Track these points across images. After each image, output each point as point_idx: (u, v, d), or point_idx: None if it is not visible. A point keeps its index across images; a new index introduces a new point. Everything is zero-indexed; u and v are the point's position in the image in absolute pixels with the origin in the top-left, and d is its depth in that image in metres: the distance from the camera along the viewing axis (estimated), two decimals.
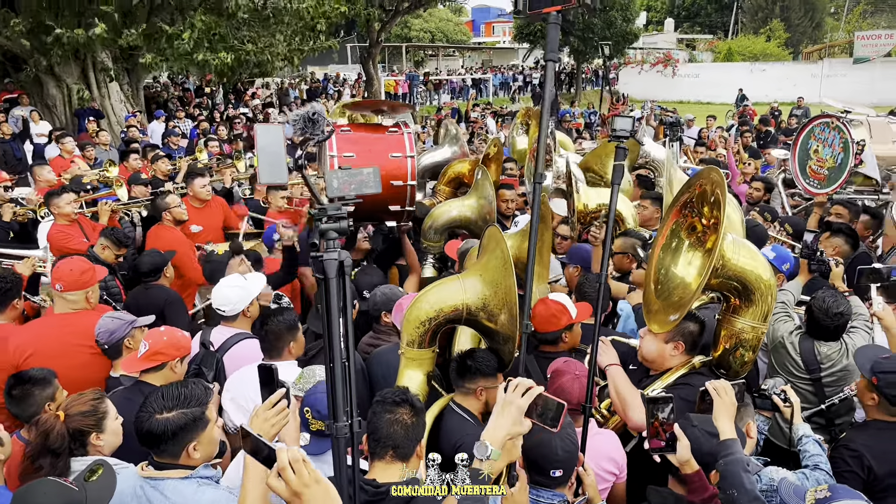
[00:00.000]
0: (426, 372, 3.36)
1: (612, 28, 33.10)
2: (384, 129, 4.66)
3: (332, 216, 2.19)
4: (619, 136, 3.07)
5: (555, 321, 3.80)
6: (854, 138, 5.60)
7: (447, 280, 3.49)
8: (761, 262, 3.24)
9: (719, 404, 2.68)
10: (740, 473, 2.48)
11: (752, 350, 3.30)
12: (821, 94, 31.95)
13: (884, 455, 3.05)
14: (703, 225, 3.36)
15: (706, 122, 15.90)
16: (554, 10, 2.83)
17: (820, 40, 46.40)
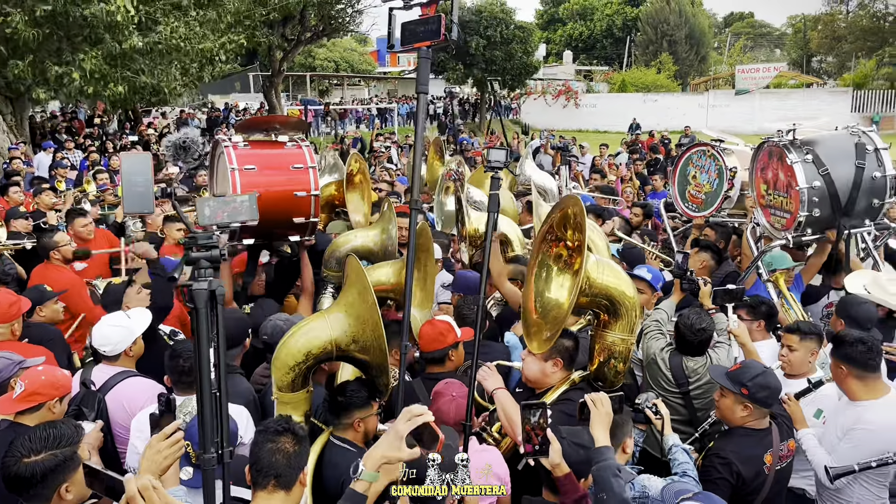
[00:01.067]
0: (303, 413, 3.30)
1: (513, 60, 34.13)
2: (281, 143, 4.65)
3: (203, 245, 2.19)
4: (493, 167, 3.21)
5: (441, 339, 3.88)
6: (728, 165, 6.02)
7: (312, 319, 3.42)
8: (624, 280, 3.44)
9: (595, 415, 2.83)
10: (610, 479, 2.62)
11: (624, 361, 3.50)
12: (707, 123, 33.99)
13: (749, 460, 3.27)
14: (569, 249, 3.54)
15: (599, 150, 16.59)
16: (424, 46, 2.96)
17: (705, 73, 49.43)
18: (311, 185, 4.54)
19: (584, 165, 15.14)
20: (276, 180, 4.48)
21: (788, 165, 4.97)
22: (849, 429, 3.54)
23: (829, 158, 4.97)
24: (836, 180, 4.92)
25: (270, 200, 4.35)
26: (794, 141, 5.07)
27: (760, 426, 3.36)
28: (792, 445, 3.47)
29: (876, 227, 5.21)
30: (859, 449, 3.47)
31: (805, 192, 4.92)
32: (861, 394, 3.56)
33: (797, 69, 53.06)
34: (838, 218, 5.01)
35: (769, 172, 5.37)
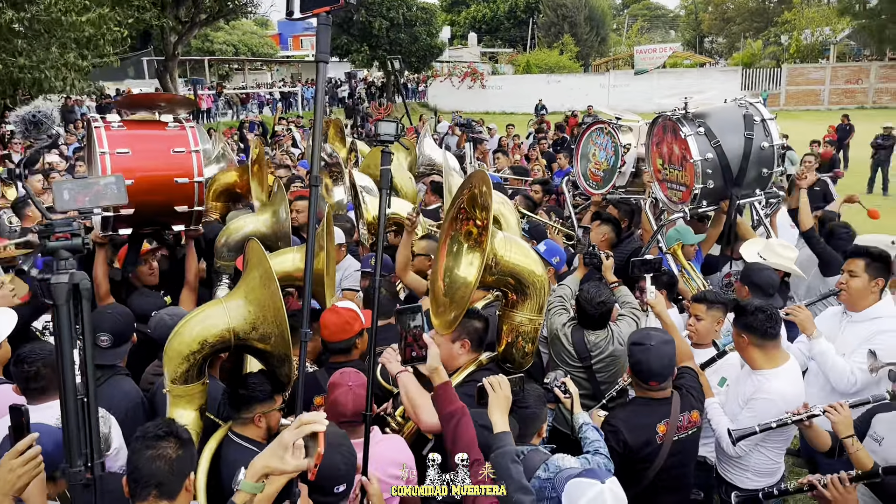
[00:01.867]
0: (198, 407, 3.11)
1: (418, 42, 33.99)
2: (163, 124, 4.28)
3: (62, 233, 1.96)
4: (383, 141, 3.06)
5: (348, 328, 3.73)
6: (622, 142, 6.11)
7: (209, 306, 3.24)
8: (533, 258, 3.39)
9: (493, 399, 2.75)
10: (509, 465, 2.57)
11: (532, 341, 3.45)
12: (609, 102, 34.99)
13: (638, 428, 3.28)
14: (478, 227, 3.46)
15: (506, 130, 16.73)
16: (322, 12, 2.76)
17: (606, 54, 50.75)
18: (195, 170, 4.19)
19: (493, 146, 15.22)
20: (153, 165, 4.11)
21: (682, 139, 5.06)
22: (749, 398, 3.62)
23: (720, 130, 5.08)
24: (727, 152, 5.05)
25: (147, 187, 4.02)
26: (687, 114, 5.17)
27: (659, 396, 3.37)
28: (694, 417, 3.47)
29: (766, 196, 5.38)
30: (759, 418, 3.54)
31: (699, 165, 5.02)
32: (761, 363, 3.63)
33: (691, 49, 55.26)
34: (730, 188, 5.14)
35: (664, 147, 5.46)
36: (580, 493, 2.40)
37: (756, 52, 42.08)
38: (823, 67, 38.87)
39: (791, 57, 41.49)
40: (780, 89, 38.08)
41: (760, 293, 4.36)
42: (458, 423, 2.66)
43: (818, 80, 37.95)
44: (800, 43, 42.09)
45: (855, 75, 37.64)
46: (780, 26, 44.30)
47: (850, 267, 4.07)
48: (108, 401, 3.51)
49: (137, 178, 3.94)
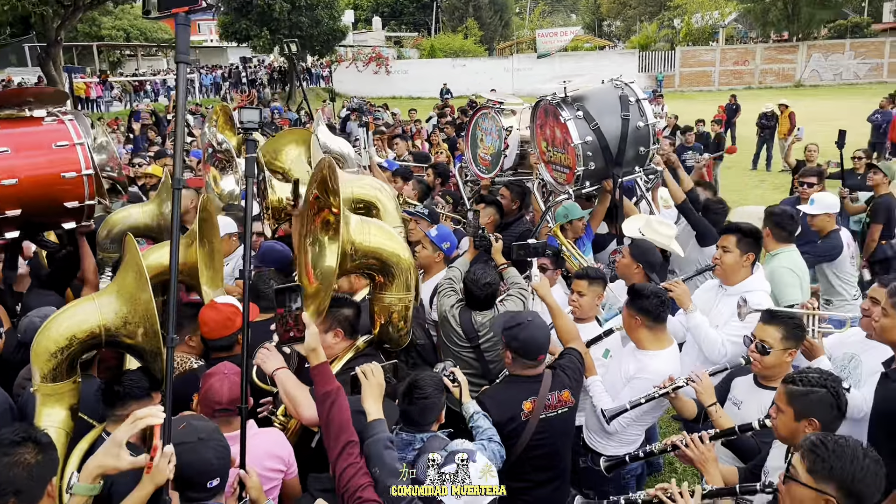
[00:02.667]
0: (69, 406, 2.98)
1: (320, 26, 33.32)
2: (38, 120, 4.03)
3: None
4: (247, 129, 3.00)
5: (229, 325, 3.66)
6: (504, 125, 6.22)
7: (80, 302, 3.15)
8: (396, 239, 3.42)
9: (365, 386, 2.78)
10: (381, 452, 2.61)
11: (405, 319, 3.50)
12: (513, 86, 35.50)
13: (502, 404, 3.36)
14: (335, 215, 3.44)
15: (408, 115, 16.71)
16: (182, 11, 2.66)
17: (509, 38, 51.35)
18: (81, 163, 3.98)
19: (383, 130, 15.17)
20: (37, 162, 3.89)
21: (563, 123, 5.20)
22: (632, 376, 3.75)
23: (598, 113, 5.25)
24: (605, 133, 5.22)
25: (33, 185, 3.81)
26: (566, 98, 5.30)
27: (529, 374, 3.44)
28: (565, 396, 3.50)
29: (645, 173, 5.61)
30: (637, 395, 3.67)
31: (580, 147, 5.17)
32: (648, 343, 3.78)
33: (591, 33, 56.71)
34: (611, 168, 5.33)
35: (547, 130, 5.60)
36: None
37: (651, 36, 43.65)
38: (713, 50, 40.69)
39: (684, 40, 43.22)
40: (675, 71, 39.63)
41: (650, 270, 4.55)
42: (332, 404, 2.66)
43: (709, 62, 39.71)
44: (691, 26, 43.86)
45: (742, 57, 39.60)
46: (672, 10, 45.99)
47: (723, 243, 4.28)
48: None
49: (22, 178, 3.74)
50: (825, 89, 35.86)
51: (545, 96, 5.53)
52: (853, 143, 14.10)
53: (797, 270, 4.73)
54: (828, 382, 2.67)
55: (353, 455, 2.59)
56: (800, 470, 2.23)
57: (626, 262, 4.67)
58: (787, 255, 4.88)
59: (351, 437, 2.62)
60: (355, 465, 2.57)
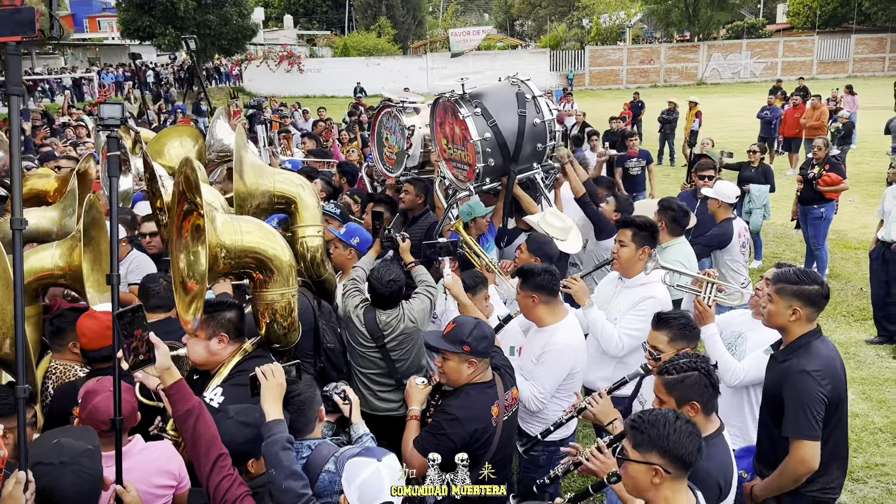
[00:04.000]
0: None
1: (229, 24, 32.48)
2: None
3: None
4: (108, 125, 2.83)
5: (109, 334, 3.45)
6: (406, 124, 6.17)
7: None
8: (270, 235, 3.32)
9: (265, 387, 2.69)
10: (278, 453, 2.53)
11: (289, 315, 3.39)
12: (428, 84, 35.56)
13: (478, 412, 3.22)
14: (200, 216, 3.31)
15: (318, 113, 16.48)
16: (13, 41, 2.47)
17: (423, 36, 51.45)
18: None
19: (306, 129, 14.94)
20: None
21: (461, 120, 5.19)
22: (541, 353, 3.83)
23: (496, 110, 5.25)
24: (503, 130, 5.23)
25: None
26: (464, 95, 5.30)
27: (485, 378, 3.33)
28: (515, 394, 3.52)
29: (543, 169, 5.67)
30: (552, 369, 3.78)
31: (479, 144, 5.16)
32: (548, 318, 3.88)
33: (503, 32, 57.51)
34: (508, 164, 5.36)
35: (447, 127, 5.58)
36: (357, 472, 2.39)
37: (561, 35, 44.62)
38: (621, 49, 42.00)
39: (593, 39, 44.41)
40: (585, 70, 40.68)
41: (548, 261, 4.56)
42: (197, 420, 2.55)
43: (617, 62, 40.96)
44: (599, 26, 45.12)
45: (648, 56, 41.04)
46: (581, 10, 47.15)
47: (620, 237, 4.37)
48: None
49: None
50: (725, 87, 37.60)
51: (443, 93, 5.51)
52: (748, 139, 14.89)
53: (686, 262, 4.92)
54: (698, 364, 2.78)
55: (225, 468, 2.49)
56: (628, 448, 2.37)
57: (525, 257, 4.70)
58: (677, 248, 5.06)
59: (221, 450, 2.52)
60: (230, 478, 2.47)
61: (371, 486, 2.35)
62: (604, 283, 4.72)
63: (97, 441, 2.51)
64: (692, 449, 2.31)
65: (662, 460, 2.29)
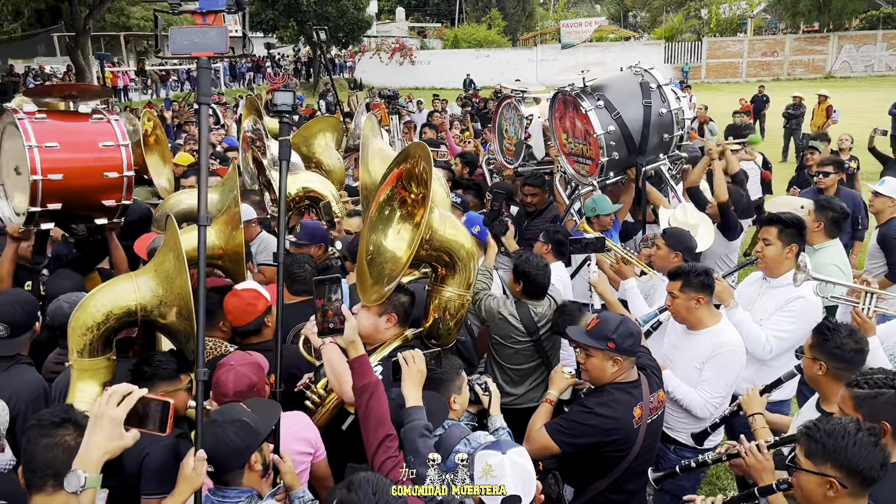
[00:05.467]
0: (102, 383, 3.06)
1: (345, 16, 33.38)
2: (85, 116, 4.12)
3: None
4: (280, 112, 3.04)
5: (252, 310, 3.68)
6: (525, 114, 6.20)
7: (119, 279, 3.22)
8: (463, 233, 3.37)
9: (406, 372, 2.75)
10: (416, 439, 2.59)
11: (457, 317, 3.43)
12: (537, 76, 35.27)
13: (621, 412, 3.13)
14: (412, 199, 3.45)
15: (432, 104, 16.72)
16: (205, 56, 2.66)
17: (533, 28, 50.96)
18: (124, 164, 4.08)
19: (422, 121, 15.17)
20: (83, 159, 3.97)
21: (583, 113, 5.17)
22: (710, 356, 3.67)
23: (619, 101, 5.20)
24: (627, 122, 5.18)
25: (77, 182, 3.90)
26: (585, 88, 5.26)
27: (630, 378, 3.23)
28: (662, 397, 3.40)
29: (669, 160, 5.56)
30: (728, 371, 3.65)
31: (602, 138, 5.14)
32: (708, 320, 3.72)
33: (616, 23, 56.08)
34: (634, 157, 5.30)
35: (567, 122, 5.57)
36: (482, 464, 2.46)
37: (677, 26, 43.04)
38: (741, 41, 40.10)
39: (711, 31, 42.62)
40: (702, 62, 39.14)
41: (690, 256, 4.47)
42: (370, 397, 2.64)
43: (737, 54, 39.16)
44: (719, 17, 43.23)
45: (771, 48, 39.00)
46: (699, 1, 45.34)
47: (765, 235, 4.13)
48: (10, 390, 3.42)
49: (67, 173, 3.83)
50: (856, 80, 35.21)
51: (563, 87, 5.49)
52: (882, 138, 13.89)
53: (843, 266, 4.64)
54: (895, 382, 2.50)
55: (391, 449, 2.57)
56: (800, 457, 2.25)
57: (663, 254, 4.53)
58: (832, 251, 4.76)
59: (389, 431, 2.59)
60: (394, 459, 2.54)
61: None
62: (745, 285, 4.51)
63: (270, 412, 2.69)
64: (874, 463, 2.14)
65: (839, 473, 2.16)
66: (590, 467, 3.26)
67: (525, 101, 6.33)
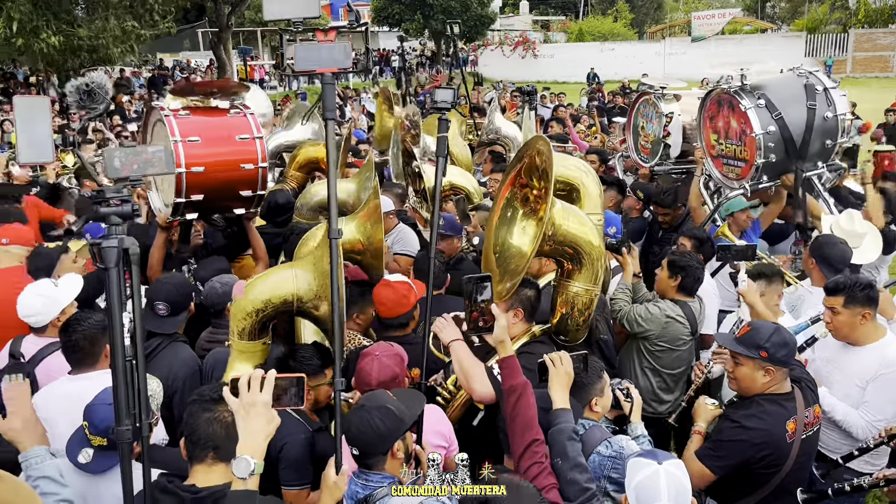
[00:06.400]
0: (255, 365, 3.20)
1: (469, 11, 33.57)
2: (224, 111, 4.36)
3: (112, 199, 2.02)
4: (440, 108, 3.06)
5: (405, 302, 3.73)
6: (664, 111, 5.92)
7: (279, 269, 3.38)
8: (590, 227, 3.30)
9: (553, 374, 2.72)
10: (565, 442, 2.54)
11: (585, 312, 3.37)
12: (665, 70, 34.06)
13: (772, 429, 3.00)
14: (535, 195, 3.41)
15: (558, 98, 16.51)
16: (330, 72, 2.69)
17: (661, 20, 49.28)
18: (259, 156, 4.29)
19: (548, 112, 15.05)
20: (221, 152, 4.20)
21: (742, 112, 4.89)
22: (875, 374, 3.45)
23: (781, 102, 4.90)
24: (789, 124, 4.86)
25: (216, 174, 4.12)
26: (745, 86, 4.97)
27: (783, 390, 3.07)
28: (818, 412, 3.20)
29: (828, 169, 5.18)
30: (886, 391, 3.42)
31: (760, 139, 4.84)
32: (872, 335, 3.50)
33: (751, 15, 53.11)
34: (794, 161, 4.95)
35: (719, 121, 5.28)
36: (635, 472, 2.37)
37: (821, 17, 40.26)
38: (894, 32, 37.01)
39: (859, 22, 39.57)
40: (847, 56, 36.42)
41: (828, 268, 4.18)
42: (518, 398, 2.60)
43: (887, 46, 36.16)
44: (868, 7, 40.05)
45: None
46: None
47: None
48: (168, 367, 3.65)
49: (208, 165, 4.05)
50: None
51: (720, 84, 5.20)
52: None
53: None
54: None
55: (537, 454, 2.52)
56: None
57: (805, 258, 4.44)
58: None
59: (536, 436, 2.55)
60: (540, 465, 2.49)
61: (647, 488, 2.32)
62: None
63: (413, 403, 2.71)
64: None
65: None
66: (738, 484, 3.11)
67: (665, 98, 6.06)
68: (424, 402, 2.82)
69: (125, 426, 1.94)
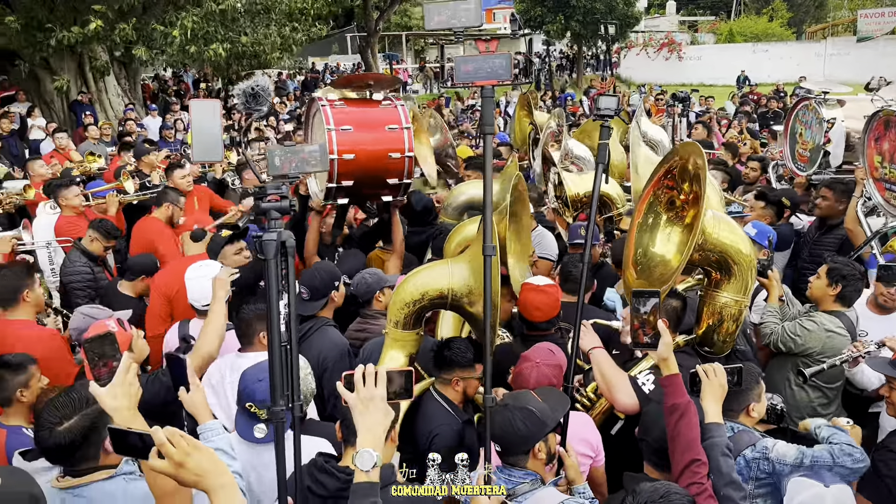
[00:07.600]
0: (409, 354, 3.37)
1: (614, 12, 32.85)
2: (376, 102, 4.58)
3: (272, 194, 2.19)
4: (603, 115, 3.08)
5: (557, 305, 3.77)
6: (825, 117, 5.54)
7: (436, 264, 3.51)
8: (740, 236, 3.23)
9: (706, 386, 2.68)
10: (718, 458, 2.51)
11: (735, 323, 3.28)
12: (825, 73, 31.76)
13: None
14: (682, 200, 3.35)
15: (704, 103, 15.86)
16: (489, 84, 2.69)
17: (823, 19, 45.90)
18: (406, 145, 4.45)
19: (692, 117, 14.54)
20: (371, 140, 4.41)
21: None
22: None
23: None
24: None
25: (366, 161, 4.33)
26: None
27: None
28: None
29: None
30: None
31: None
32: None
33: None
34: None
35: (885, 144, 4.87)
36: (798, 491, 2.32)
37: None
38: None
39: None
40: None
41: None
42: (681, 417, 2.57)
43: None
44: None
45: None
46: None
47: None
48: (319, 349, 3.90)
49: (358, 153, 4.27)
50: None
51: (889, 106, 4.77)
52: None
53: None
54: None
55: (698, 475, 2.47)
56: None
57: None
58: None
59: (696, 456, 2.50)
60: (699, 486, 2.45)
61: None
62: None
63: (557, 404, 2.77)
64: None
65: None
66: None
67: (827, 104, 5.69)
68: (569, 405, 2.86)
69: (280, 406, 2.10)
